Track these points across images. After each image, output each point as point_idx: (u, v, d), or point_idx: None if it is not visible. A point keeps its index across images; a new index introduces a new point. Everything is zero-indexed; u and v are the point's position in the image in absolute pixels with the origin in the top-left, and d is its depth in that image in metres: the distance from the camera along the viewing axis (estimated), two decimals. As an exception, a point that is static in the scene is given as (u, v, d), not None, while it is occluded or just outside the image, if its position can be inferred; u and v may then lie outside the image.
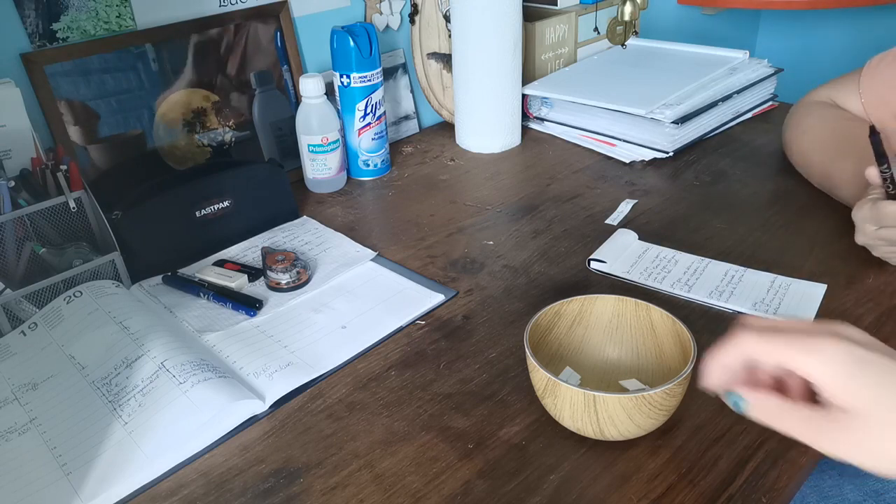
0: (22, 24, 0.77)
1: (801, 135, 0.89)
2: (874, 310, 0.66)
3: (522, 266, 0.77)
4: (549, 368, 0.51)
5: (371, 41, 0.93)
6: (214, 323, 0.70)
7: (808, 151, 0.87)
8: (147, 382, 0.60)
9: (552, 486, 0.51)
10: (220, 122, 0.95)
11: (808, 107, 0.90)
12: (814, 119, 0.88)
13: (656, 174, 0.97)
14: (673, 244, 0.78)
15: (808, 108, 0.90)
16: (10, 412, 0.60)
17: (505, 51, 1.01)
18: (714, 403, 0.57)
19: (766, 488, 0.49)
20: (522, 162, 1.04)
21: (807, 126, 0.88)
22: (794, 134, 0.91)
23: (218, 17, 0.92)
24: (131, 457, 0.54)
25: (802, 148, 0.88)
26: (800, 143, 0.89)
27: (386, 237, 0.85)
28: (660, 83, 1.07)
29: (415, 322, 0.69)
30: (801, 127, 0.89)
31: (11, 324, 0.69)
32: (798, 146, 0.89)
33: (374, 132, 0.98)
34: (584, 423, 0.52)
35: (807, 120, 0.89)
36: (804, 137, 0.88)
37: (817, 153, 0.86)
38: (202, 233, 0.81)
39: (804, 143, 0.88)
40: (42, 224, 0.72)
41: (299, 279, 0.75)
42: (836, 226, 0.80)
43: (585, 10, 1.22)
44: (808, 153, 0.88)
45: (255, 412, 0.59)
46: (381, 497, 0.51)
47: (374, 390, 0.61)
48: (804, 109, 0.91)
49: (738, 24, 1.83)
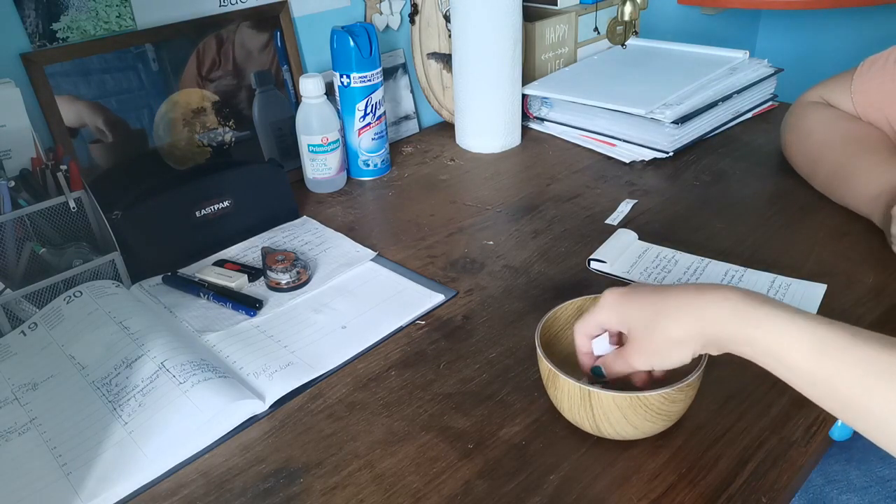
0: (22, 24, 0.77)
1: (805, 138, 0.88)
2: (874, 310, 0.66)
3: (522, 266, 0.77)
4: (567, 362, 0.51)
5: (371, 41, 0.93)
6: (214, 323, 0.70)
7: (815, 153, 0.86)
8: (147, 382, 0.60)
9: (552, 486, 0.51)
10: (220, 122, 0.95)
11: (805, 108, 0.90)
12: (815, 121, 0.87)
13: (656, 174, 0.97)
14: (673, 244, 0.78)
15: (805, 109, 0.90)
16: (10, 412, 0.60)
17: (505, 51, 1.01)
18: (714, 403, 0.57)
19: (766, 488, 0.49)
20: (522, 162, 1.04)
21: (809, 129, 0.88)
22: (795, 137, 0.90)
23: (218, 17, 0.92)
24: (131, 457, 0.54)
25: (807, 149, 0.88)
26: (804, 145, 0.88)
27: (386, 237, 0.85)
28: (660, 83, 1.07)
29: (415, 322, 0.69)
30: (802, 130, 0.89)
31: (11, 324, 0.69)
32: (802, 148, 0.89)
33: (374, 132, 0.98)
34: (581, 417, 0.52)
35: (807, 122, 0.88)
36: (809, 140, 0.87)
37: (826, 155, 0.85)
38: (202, 233, 0.81)
39: (809, 145, 0.87)
40: (42, 224, 0.72)
41: (299, 279, 0.75)
42: (836, 226, 0.80)
43: (585, 10, 1.22)
44: (813, 155, 0.87)
45: (255, 412, 0.59)
46: (381, 497, 0.51)
47: (374, 390, 0.61)
48: (801, 111, 0.90)
49: (738, 24, 1.83)
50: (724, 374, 0.60)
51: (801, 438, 0.53)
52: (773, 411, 0.56)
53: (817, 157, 0.86)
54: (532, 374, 0.61)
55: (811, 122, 0.88)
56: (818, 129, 0.87)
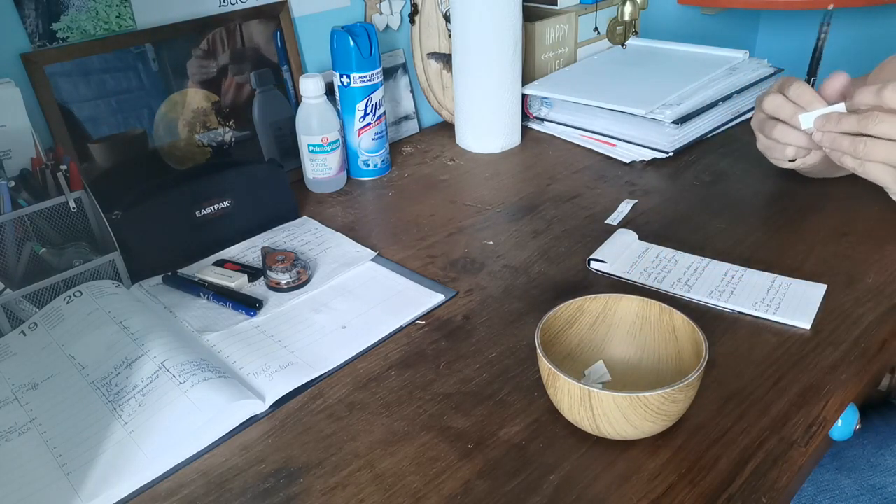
0: (22, 24, 0.77)
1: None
2: (874, 310, 0.66)
3: (522, 266, 0.77)
4: (567, 362, 0.51)
5: (371, 41, 0.93)
6: (214, 323, 0.70)
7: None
8: (147, 382, 0.60)
9: (552, 486, 0.51)
10: (220, 122, 0.95)
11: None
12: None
13: (656, 174, 0.97)
14: (673, 244, 0.78)
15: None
16: (10, 412, 0.60)
17: (505, 51, 1.01)
18: (714, 403, 0.57)
19: (766, 488, 0.49)
20: (522, 162, 1.04)
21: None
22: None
23: (218, 17, 0.92)
24: (131, 457, 0.54)
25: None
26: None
27: (386, 237, 0.85)
28: (660, 83, 1.07)
29: (415, 322, 0.69)
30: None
31: (11, 324, 0.69)
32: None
33: (374, 132, 0.98)
34: (581, 416, 0.52)
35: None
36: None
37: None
38: (202, 233, 0.81)
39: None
40: (42, 224, 0.72)
41: (299, 279, 0.75)
42: (836, 226, 0.80)
43: (585, 10, 1.22)
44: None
45: (255, 412, 0.59)
46: (381, 497, 0.51)
47: (374, 390, 0.61)
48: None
49: (738, 24, 1.84)
50: (724, 374, 0.60)
51: (801, 438, 0.53)
52: (773, 411, 0.56)
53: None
54: (532, 374, 0.61)
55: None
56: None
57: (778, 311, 0.66)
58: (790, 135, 0.74)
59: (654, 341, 0.59)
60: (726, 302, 0.68)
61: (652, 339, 0.59)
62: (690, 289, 0.70)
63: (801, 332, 0.64)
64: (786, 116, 0.73)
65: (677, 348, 0.58)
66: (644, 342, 0.60)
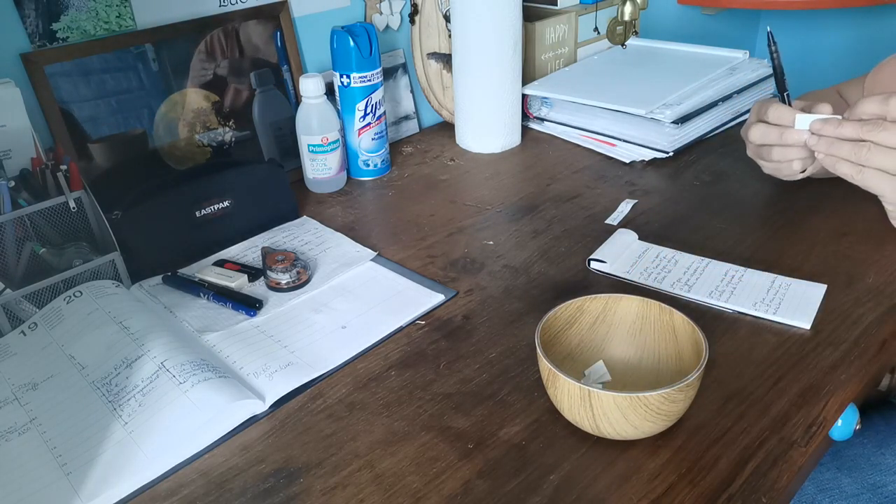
0: (22, 24, 0.77)
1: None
2: (874, 310, 0.66)
3: (522, 266, 0.77)
4: (568, 362, 0.51)
5: (371, 41, 0.93)
6: (214, 323, 0.70)
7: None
8: (147, 382, 0.60)
9: (552, 486, 0.51)
10: (220, 122, 0.95)
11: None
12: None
13: (656, 174, 0.97)
14: (673, 244, 0.78)
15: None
16: (10, 412, 0.60)
17: (505, 51, 1.01)
18: (714, 403, 0.57)
19: (766, 488, 0.49)
20: (522, 162, 1.04)
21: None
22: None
23: (218, 17, 0.92)
24: (131, 457, 0.54)
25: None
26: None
27: (386, 237, 0.85)
28: (660, 83, 1.07)
29: (415, 322, 0.69)
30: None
31: (11, 324, 0.69)
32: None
33: (374, 132, 0.98)
34: (581, 416, 0.52)
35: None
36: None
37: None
38: (202, 233, 0.81)
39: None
40: (42, 224, 0.72)
41: (299, 279, 0.75)
42: (836, 226, 0.80)
43: (585, 10, 1.22)
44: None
45: (255, 412, 0.59)
46: (381, 497, 0.51)
47: (374, 390, 0.61)
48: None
49: (738, 24, 1.83)
50: (724, 374, 0.60)
51: (801, 438, 0.53)
52: (773, 411, 0.56)
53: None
54: (532, 374, 0.61)
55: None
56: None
57: (778, 311, 0.66)
58: (790, 152, 0.74)
59: (654, 341, 0.59)
60: (726, 302, 0.68)
61: (652, 339, 0.59)
62: (690, 289, 0.70)
63: (801, 332, 0.64)
64: (775, 140, 0.74)
65: (677, 348, 0.58)
66: (644, 342, 0.60)
